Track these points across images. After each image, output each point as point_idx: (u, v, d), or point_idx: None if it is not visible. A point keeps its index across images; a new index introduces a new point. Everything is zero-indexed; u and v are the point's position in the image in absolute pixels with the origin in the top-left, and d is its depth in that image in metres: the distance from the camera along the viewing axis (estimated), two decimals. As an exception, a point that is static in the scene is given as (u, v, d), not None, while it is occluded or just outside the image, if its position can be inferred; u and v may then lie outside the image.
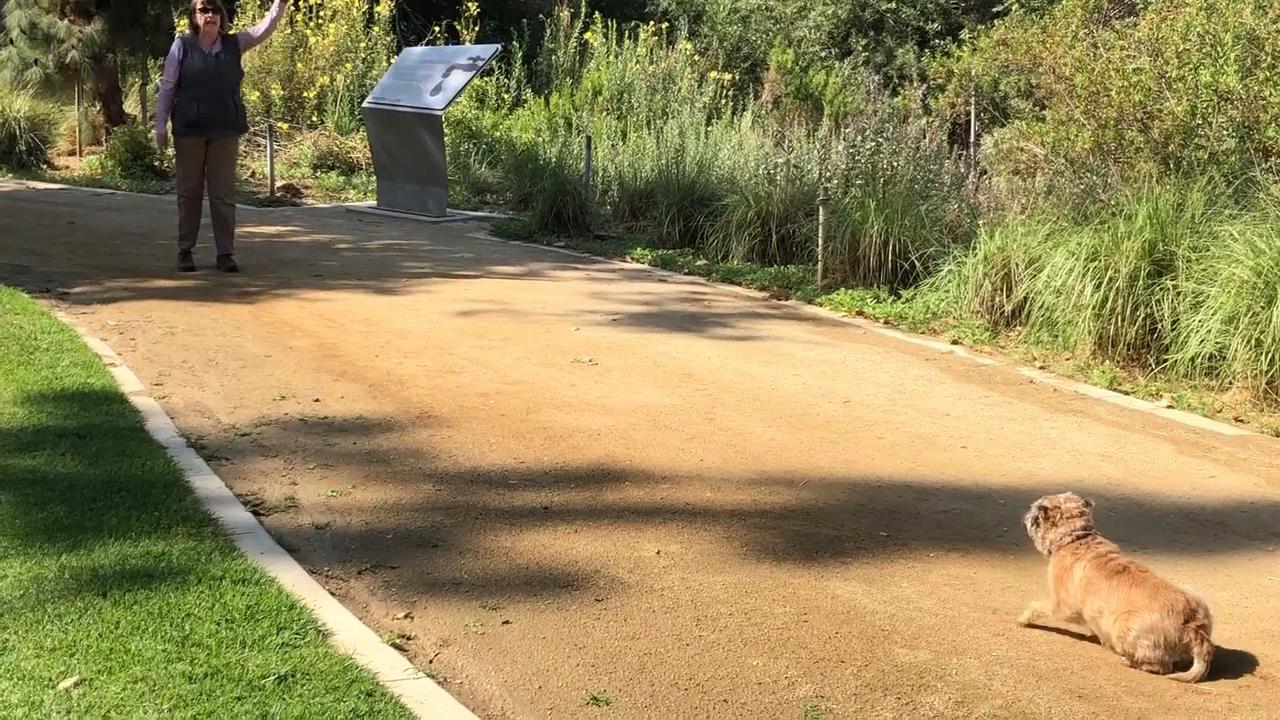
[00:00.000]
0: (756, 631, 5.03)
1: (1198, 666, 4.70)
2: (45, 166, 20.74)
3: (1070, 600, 4.96)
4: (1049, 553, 5.11)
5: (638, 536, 6.00)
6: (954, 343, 10.36)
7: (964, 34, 20.06)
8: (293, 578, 5.26)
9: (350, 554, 5.68)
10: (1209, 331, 8.63)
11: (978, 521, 6.38)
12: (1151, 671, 4.73)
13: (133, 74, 24.46)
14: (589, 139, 16.57)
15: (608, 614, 5.15)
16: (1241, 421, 8.28)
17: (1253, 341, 8.35)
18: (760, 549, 5.90)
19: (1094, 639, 4.97)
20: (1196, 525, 6.44)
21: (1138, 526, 5.03)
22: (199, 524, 5.77)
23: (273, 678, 4.35)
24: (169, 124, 12.28)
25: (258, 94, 21.78)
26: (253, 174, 20.19)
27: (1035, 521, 5.14)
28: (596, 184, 16.53)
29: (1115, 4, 18.37)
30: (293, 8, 22.41)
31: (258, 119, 21.44)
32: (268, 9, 14.49)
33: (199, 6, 12.06)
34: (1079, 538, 5.04)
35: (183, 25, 21.54)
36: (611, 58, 21.76)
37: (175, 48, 12.18)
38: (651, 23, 23.16)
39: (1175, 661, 4.73)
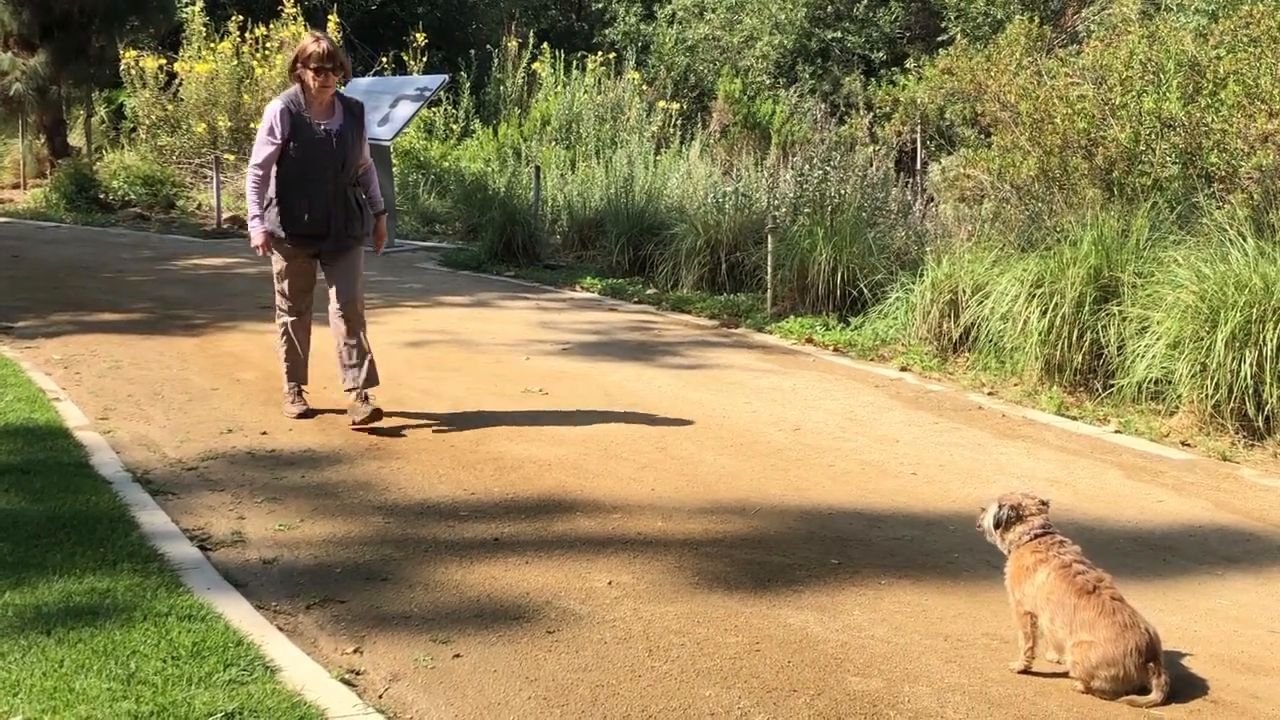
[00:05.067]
0: (709, 662, 5.01)
1: (1155, 695, 4.71)
2: (-12, 200, 20.55)
3: (1027, 601, 4.95)
4: (1007, 551, 5.10)
5: (589, 567, 5.97)
6: (903, 369, 10.39)
7: (909, 63, 20.22)
8: (240, 613, 5.20)
9: (298, 588, 5.62)
10: (1155, 356, 8.69)
11: (929, 548, 6.38)
12: (1103, 698, 4.74)
13: (77, 106, 24.29)
14: (538, 169, 16.58)
15: (559, 646, 5.12)
16: (1188, 445, 8.34)
17: (1198, 366, 8.41)
18: (712, 578, 5.88)
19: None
20: (1145, 549, 6.47)
21: (1087, 551, 5.03)
22: (145, 560, 5.70)
23: (220, 715, 4.29)
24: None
25: (204, 126, 21.67)
26: (199, 206, 20.07)
27: (1004, 522, 5.10)
28: (546, 213, 16.53)
29: (1059, 32, 18.57)
30: (239, 39, 22.34)
31: (204, 151, 21.34)
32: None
33: (312, 57, 7.86)
34: (1038, 536, 5.02)
35: (129, 56, 21.48)
36: (560, 88, 21.79)
37: (275, 112, 7.91)
38: (599, 53, 23.22)
39: (1129, 689, 4.74)
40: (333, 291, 8.21)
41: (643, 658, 5.03)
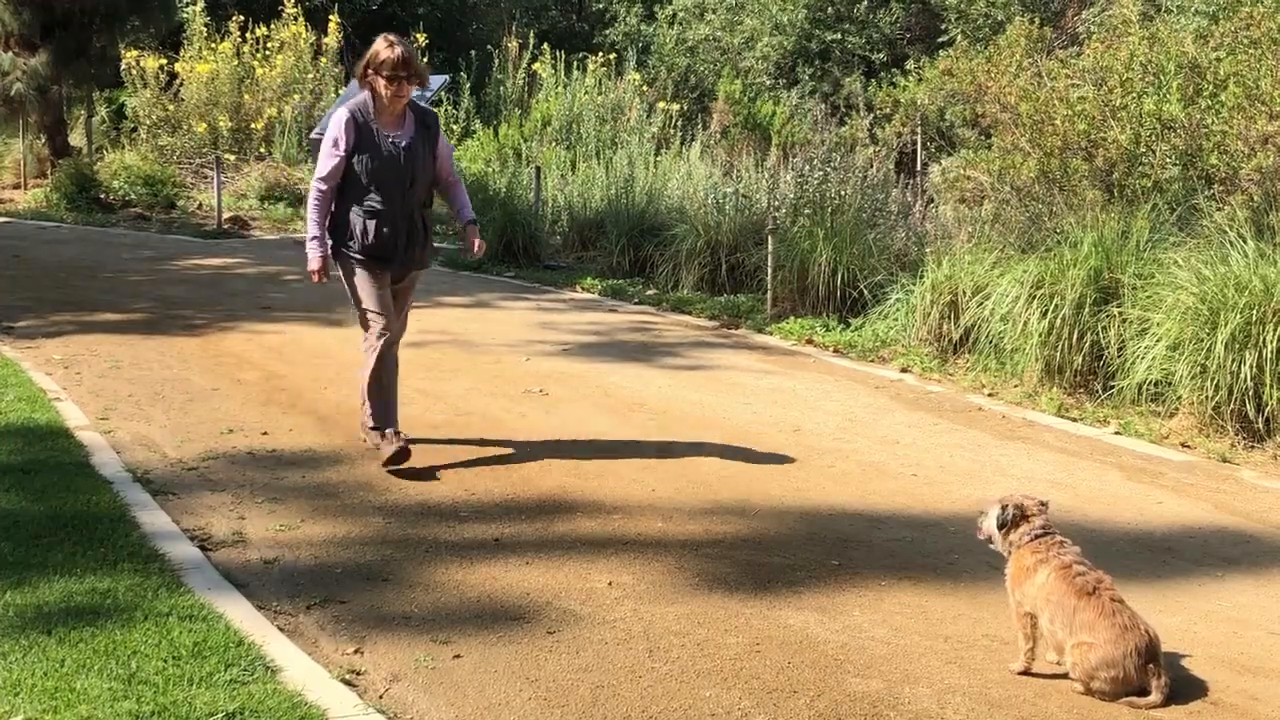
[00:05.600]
0: (709, 662, 5.01)
1: (1155, 697, 4.71)
2: (-11, 199, 20.56)
3: (1027, 602, 4.95)
4: (1008, 553, 5.10)
5: (589, 568, 5.97)
6: (903, 371, 10.40)
7: (910, 64, 20.23)
8: (241, 613, 5.21)
9: (299, 589, 5.62)
10: (1155, 358, 8.70)
11: (929, 549, 6.39)
12: (1103, 699, 4.74)
13: (78, 106, 24.30)
14: (538, 169, 16.59)
15: (560, 646, 5.12)
16: (1188, 447, 8.34)
17: (1198, 367, 8.42)
18: (713, 579, 5.88)
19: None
20: (1145, 551, 6.48)
21: (1087, 552, 5.04)
22: (145, 560, 5.71)
23: (221, 715, 4.29)
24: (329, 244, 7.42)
25: (205, 126, 21.67)
26: (199, 206, 20.08)
27: (1008, 523, 5.09)
28: (546, 214, 16.54)
29: (1059, 34, 18.58)
30: (239, 39, 22.34)
31: (204, 151, 21.34)
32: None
33: (386, 63, 7.12)
34: (1038, 537, 5.03)
35: (130, 56, 21.48)
36: (560, 89, 21.78)
37: (340, 121, 7.22)
38: (600, 54, 23.22)
39: (1129, 691, 4.74)
40: None
41: (643, 658, 5.04)
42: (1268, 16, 11.05)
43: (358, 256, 7.34)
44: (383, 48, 7.17)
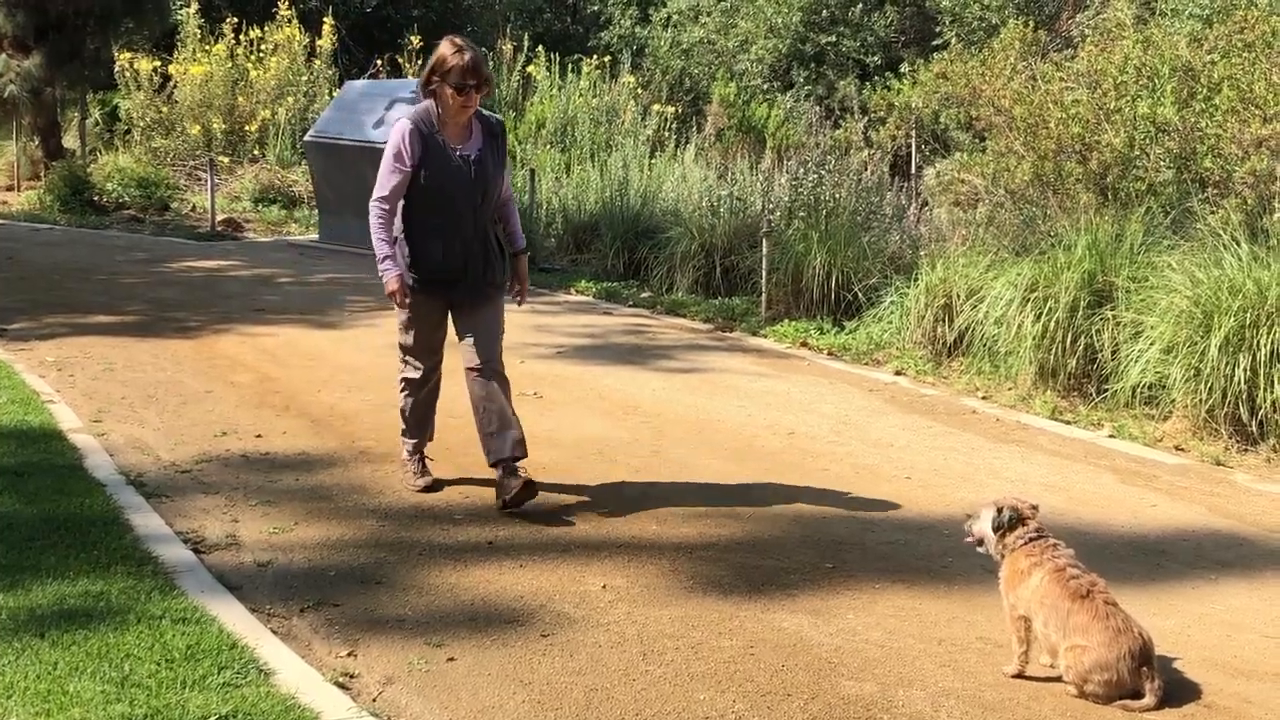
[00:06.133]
0: (703, 665, 5.01)
1: (1148, 700, 4.71)
2: (-18, 201, 20.54)
3: (1021, 605, 4.95)
4: (1001, 556, 5.09)
5: (583, 571, 5.97)
6: (897, 373, 10.40)
7: (904, 67, 20.20)
8: (234, 616, 5.20)
9: (292, 592, 5.62)
10: (1149, 361, 8.70)
11: (923, 552, 6.39)
12: (1096, 702, 4.74)
13: (72, 108, 24.27)
14: (533, 172, 16.59)
15: (553, 649, 5.12)
16: (1182, 450, 8.35)
17: (1192, 371, 8.43)
18: (706, 582, 5.88)
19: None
20: (1139, 554, 6.48)
21: (1081, 555, 5.04)
22: (138, 563, 5.70)
23: (214, 718, 4.29)
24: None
25: (198, 128, 21.65)
26: (193, 208, 20.06)
27: (1004, 526, 5.08)
28: (541, 217, 16.53)
29: (1053, 37, 18.59)
30: (233, 41, 22.33)
31: (198, 153, 21.31)
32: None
33: (454, 71, 6.50)
34: (1032, 540, 5.02)
35: (124, 58, 21.46)
36: (555, 91, 21.77)
37: (403, 134, 6.60)
38: (594, 56, 23.22)
39: (1122, 694, 4.74)
40: (467, 347, 6.91)
41: (637, 661, 5.03)
42: (1261, 20, 11.06)
43: (419, 283, 6.76)
44: (449, 53, 6.52)
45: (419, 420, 7.22)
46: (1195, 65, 11.11)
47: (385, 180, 6.63)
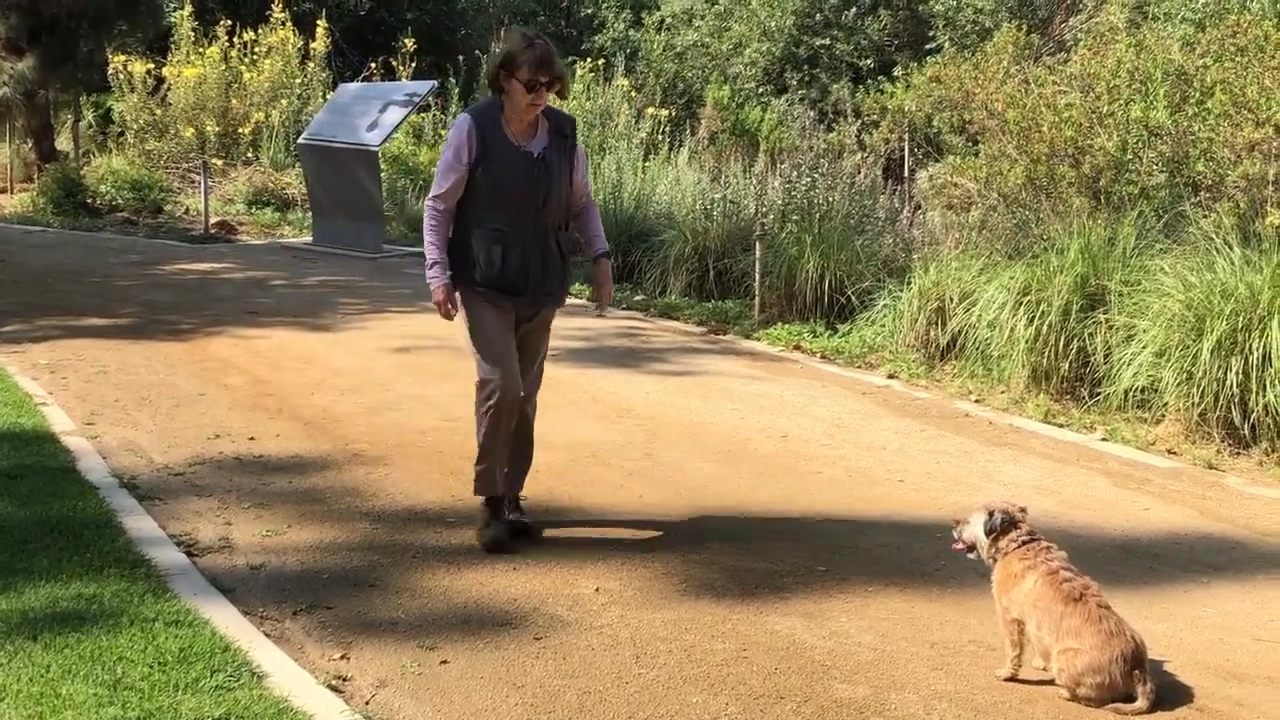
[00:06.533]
0: (696, 668, 5.01)
1: (1141, 703, 4.72)
2: (-25, 204, 20.50)
3: (1014, 608, 4.96)
4: (993, 559, 5.10)
5: (577, 574, 5.97)
6: (890, 376, 10.41)
7: (897, 70, 20.23)
8: (227, 619, 5.20)
9: (285, 594, 5.62)
10: (1141, 365, 8.71)
11: (915, 555, 6.40)
12: (1089, 705, 4.75)
13: (65, 110, 24.25)
14: (526, 175, 16.54)
15: (547, 652, 5.12)
16: (1174, 454, 8.36)
17: (1184, 374, 8.44)
18: (699, 585, 5.88)
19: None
20: (1132, 557, 6.49)
21: (1074, 559, 5.04)
22: (131, 565, 5.70)
23: (207, 721, 4.29)
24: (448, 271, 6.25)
25: (192, 130, 21.64)
26: (187, 211, 20.05)
27: (996, 529, 5.08)
28: (534, 220, 16.49)
29: (1046, 40, 18.62)
30: (227, 44, 22.31)
31: (192, 156, 21.29)
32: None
33: (525, 65, 6.00)
34: (1025, 543, 5.03)
35: (117, 61, 21.43)
36: (549, 94, 21.76)
37: (464, 130, 6.16)
38: (588, 59, 23.22)
39: (1114, 697, 4.75)
40: None
41: (630, 664, 5.04)
42: (1254, 24, 11.08)
43: (480, 288, 6.21)
44: (520, 46, 6.05)
45: (496, 446, 6.34)
46: (1188, 69, 11.14)
47: (442, 178, 6.19)
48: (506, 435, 6.33)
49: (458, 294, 6.21)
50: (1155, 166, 11.08)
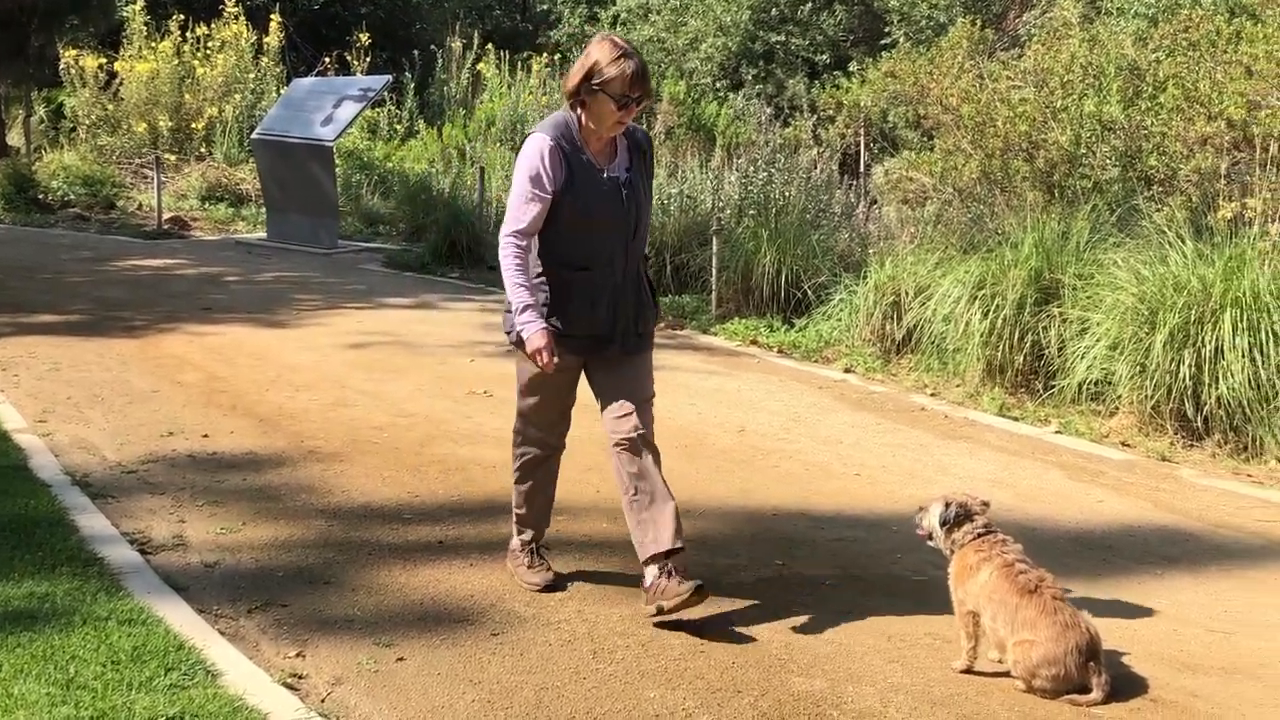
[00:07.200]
0: (653, 663, 5.01)
1: (1096, 694, 4.75)
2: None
3: (969, 600, 4.97)
4: (950, 551, 5.12)
5: (533, 569, 5.95)
6: (846, 371, 10.44)
7: (853, 66, 20.29)
8: (181, 617, 5.16)
9: (240, 592, 5.58)
10: (1095, 358, 8.77)
11: (872, 549, 6.41)
12: (1044, 696, 4.77)
13: (16, 106, 24.02)
14: (482, 170, 16.54)
15: (503, 648, 5.11)
16: (1128, 446, 8.42)
17: (1137, 367, 8.50)
18: (656, 580, 5.87)
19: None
20: (1086, 549, 6.53)
21: (1029, 551, 5.07)
22: (84, 564, 5.65)
23: (161, 719, 4.26)
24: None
25: (145, 125, 21.48)
26: (140, 206, 19.89)
27: (950, 521, 5.10)
28: (490, 215, 16.48)
29: (1000, 35, 18.69)
30: (180, 38, 22.16)
31: (145, 151, 21.14)
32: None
33: (617, 80, 5.21)
34: (981, 535, 5.05)
35: (69, 56, 21.24)
36: (504, 89, 21.74)
37: (542, 152, 5.38)
38: (544, 54, 23.18)
39: (1070, 688, 4.77)
40: (611, 410, 5.66)
41: (587, 659, 5.03)
42: (1206, 19, 11.17)
43: (561, 337, 5.42)
44: (610, 57, 5.24)
45: (540, 510, 5.89)
46: (1141, 64, 11.21)
47: (520, 210, 5.33)
48: (545, 493, 5.89)
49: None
50: (1109, 161, 11.15)
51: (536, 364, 5.35)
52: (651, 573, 5.36)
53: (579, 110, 5.37)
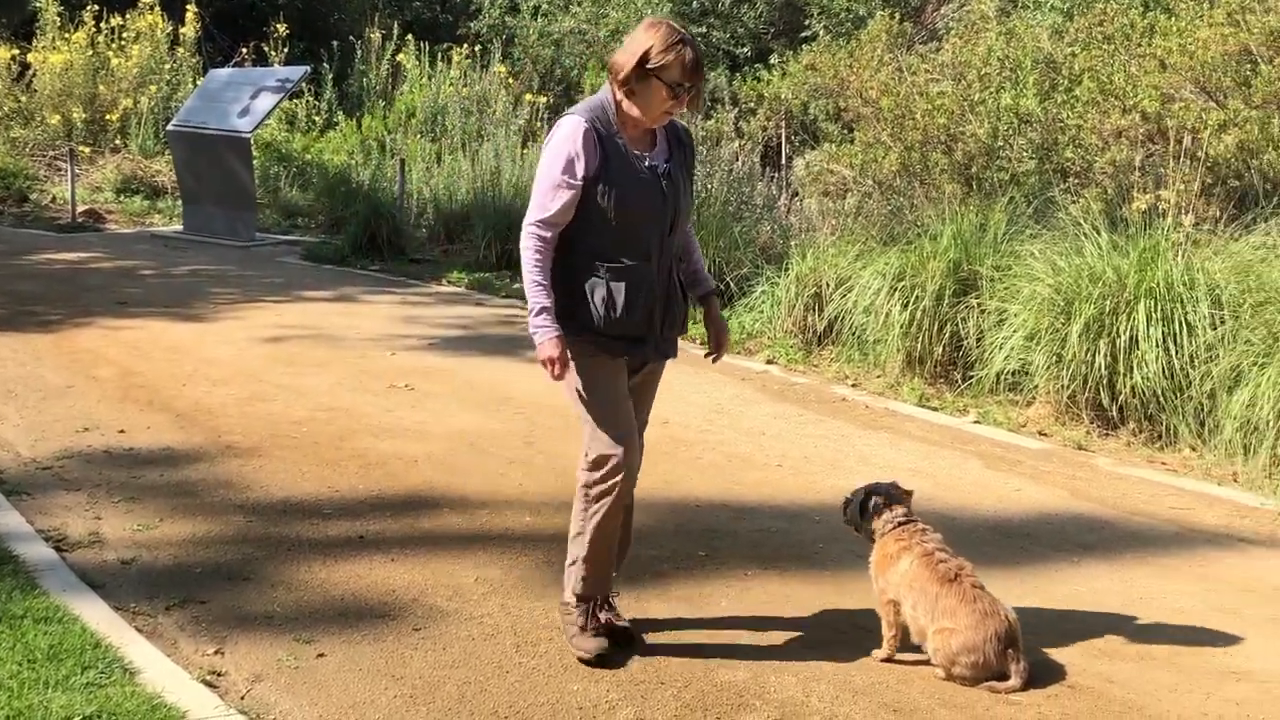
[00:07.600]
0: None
1: (1014, 681, 4.80)
2: None
3: (890, 589, 5.01)
4: (872, 540, 5.15)
5: (456, 564, 5.93)
6: (769, 362, 10.48)
7: (774, 59, 20.35)
8: (98, 615, 5.10)
9: (158, 589, 5.52)
10: (1012, 348, 8.86)
11: (794, 539, 6.44)
12: (964, 684, 4.82)
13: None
14: (402, 162, 16.45)
15: (426, 643, 5.08)
16: (1045, 435, 8.51)
17: (1054, 357, 8.59)
18: (579, 572, 5.86)
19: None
20: (1004, 538, 6.60)
21: (949, 539, 5.11)
22: (-2, 562, 5.57)
23: (78, 718, 4.20)
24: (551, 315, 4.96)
25: (58, 117, 21.16)
26: (53, 199, 19.60)
27: (870, 510, 5.15)
28: (411, 207, 16.41)
29: (919, 29, 18.83)
30: (94, 29, 21.85)
31: (58, 143, 20.83)
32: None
33: (672, 66, 4.78)
34: (901, 524, 5.09)
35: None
36: (425, 80, 21.59)
37: (575, 136, 4.87)
38: (464, 45, 23.07)
39: (989, 675, 4.82)
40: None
41: (510, 653, 5.02)
42: (1120, 13, 11.32)
43: (595, 339, 5.03)
44: (665, 42, 4.83)
45: (609, 556, 5.20)
46: (1057, 57, 11.35)
47: (547, 198, 4.89)
48: (620, 525, 5.22)
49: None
50: (1025, 153, 11.28)
51: (550, 374, 4.99)
52: (575, 615, 5.13)
53: (620, 96, 4.94)
